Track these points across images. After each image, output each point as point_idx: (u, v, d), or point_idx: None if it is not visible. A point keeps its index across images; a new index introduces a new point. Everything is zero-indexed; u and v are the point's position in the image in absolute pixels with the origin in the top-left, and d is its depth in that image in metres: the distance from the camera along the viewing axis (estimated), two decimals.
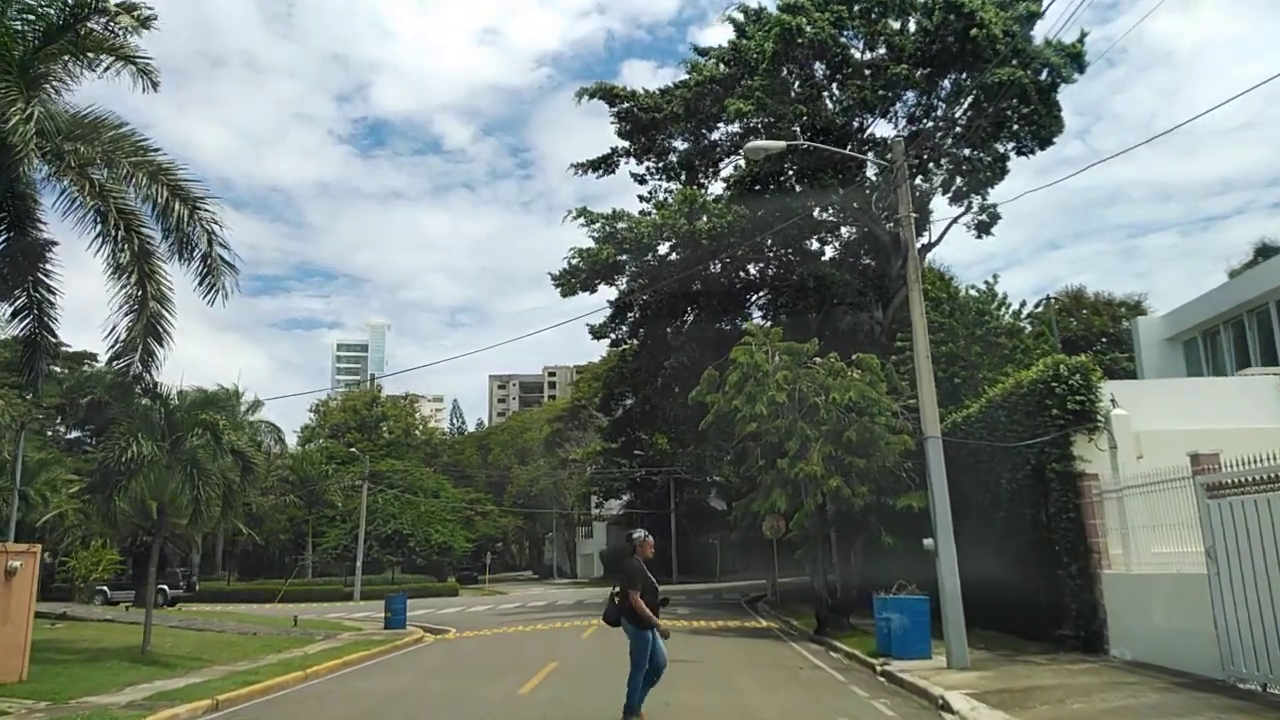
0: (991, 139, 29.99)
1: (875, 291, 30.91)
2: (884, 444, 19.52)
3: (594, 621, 24.20)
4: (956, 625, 13.34)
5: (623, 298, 33.03)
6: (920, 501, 18.88)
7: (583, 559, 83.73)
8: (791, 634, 21.45)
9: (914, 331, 14.69)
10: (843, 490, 18.94)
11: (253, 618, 28.24)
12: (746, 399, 20.32)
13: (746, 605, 32.49)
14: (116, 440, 16.02)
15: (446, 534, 60.13)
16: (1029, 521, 15.90)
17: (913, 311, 14.64)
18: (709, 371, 22.02)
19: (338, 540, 57.46)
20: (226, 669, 15.97)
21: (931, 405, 14.34)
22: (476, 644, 20.70)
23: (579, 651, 17.27)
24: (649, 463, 55.58)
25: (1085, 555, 14.12)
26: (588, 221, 30.07)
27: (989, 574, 16.13)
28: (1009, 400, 16.56)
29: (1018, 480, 16.27)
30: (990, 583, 16.03)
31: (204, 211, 17.54)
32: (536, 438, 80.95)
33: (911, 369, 23.21)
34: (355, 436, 76.42)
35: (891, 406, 19.78)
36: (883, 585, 21.68)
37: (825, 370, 20.81)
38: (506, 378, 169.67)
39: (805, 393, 20.31)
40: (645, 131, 33.09)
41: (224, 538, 61.52)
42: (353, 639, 22.52)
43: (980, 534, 17.38)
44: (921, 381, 14.40)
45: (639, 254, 29.85)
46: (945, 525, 13.87)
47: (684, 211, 28.39)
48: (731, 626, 22.90)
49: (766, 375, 20.43)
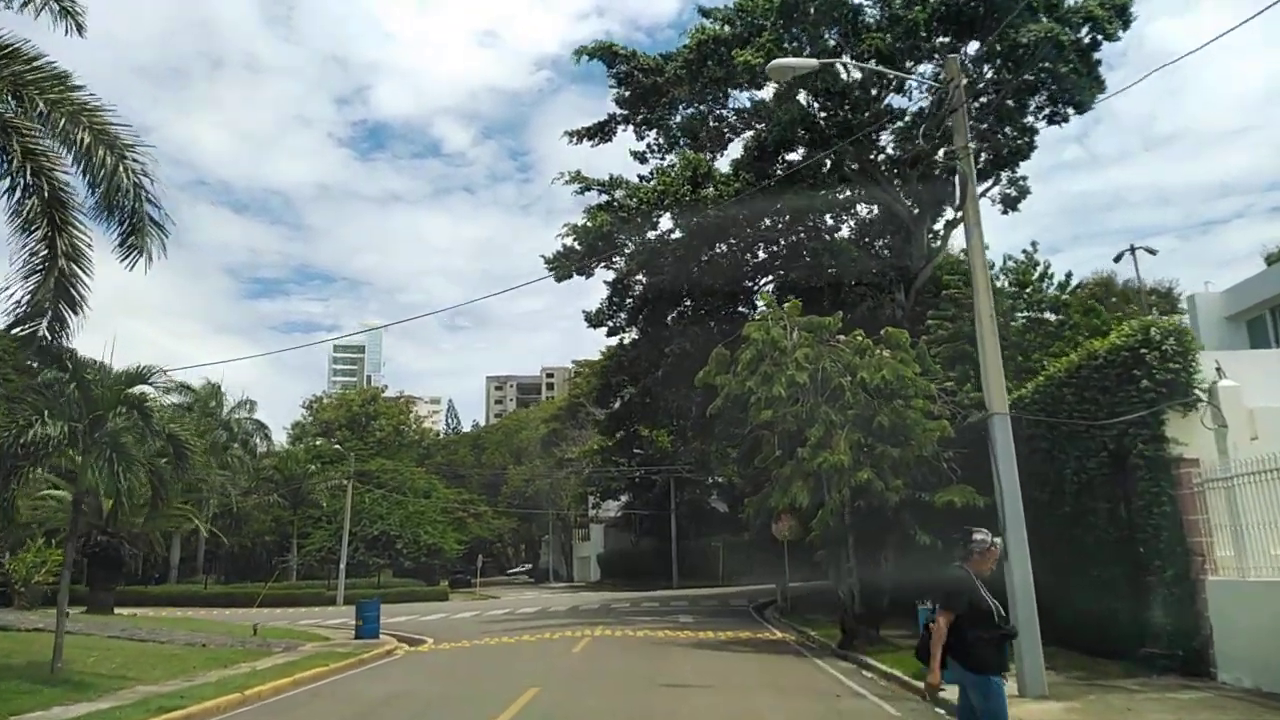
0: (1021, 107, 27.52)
1: (896, 272, 28.40)
2: (920, 431, 16.99)
3: (587, 632, 21.67)
4: (1032, 644, 10.84)
5: (621, 279, 30.49)
6: (963, 496, 16.42)
7: (579, 562, 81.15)
8: (811, 647, 18.91)
9: (975, 288, 12.15)
10: (874, 483, 16.39)
11: (211, 625, 25.66)
12: (762, 380, 17.79)
13: (755, 613, 29.94)
14: (16, 419, 13.43)
15: (436, 535, 57.53)
16: (1104, 518, 13.36)
17: (973, 262, 12.11)
18: (718, 350, 19.49)
19: (322, 542, 54.89)
20: (150, 690, 13.43)
21: (998, 376, 11.82)
22: (450, 659, 18.15)
23: (567, 672, 14.73)
24: (648, 461, 52.98)
25: (1183, 558, 11.60)
26: (582, 188, 27.50)
27: (1048, 581, 13.47)
28: (1077, 375, 14.02)
29: (1089, 469, 13.74)
30: (1050, 591, 13.39)
31: (133, 161, 15.17)
32: (532, 437, 78.31)
33: (947, 348, 20.83)
34: (345, 434, 73.89)
35: (928, 388, 17.23)
36: (916, 593, 19.28)
37: (850, 348, 18.29)
38: (504, 379, 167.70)
39: (829, 373, 17.78)
40: (646, 99, 30.54)
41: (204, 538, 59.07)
42: (316, 651, 20.01)
43: (1036, 534, 14.84)
44: (985, 348, 11.87)
45: (638, 226, 27.27)
46: (1016, 519, 11.37)
47: (686, 177, 25.83)
48: (743, 638, 20.34)
49: (784, 353, 17.91)
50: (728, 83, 29.17)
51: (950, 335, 19.85)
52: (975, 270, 12.05)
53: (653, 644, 18.97)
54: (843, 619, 18.00)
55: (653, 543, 61.50)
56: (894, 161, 29.28)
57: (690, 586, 51.17)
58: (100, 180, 14.94)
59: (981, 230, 12.15)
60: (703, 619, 26.65)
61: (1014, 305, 20.03)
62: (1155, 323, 12.46)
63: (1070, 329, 19.33)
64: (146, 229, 15.24)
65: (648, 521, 61.61)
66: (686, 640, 19.74)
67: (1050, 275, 21.31)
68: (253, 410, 63.09)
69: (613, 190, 27.17)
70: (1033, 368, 18.64)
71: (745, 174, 26.59)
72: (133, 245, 15.09)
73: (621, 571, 65.53)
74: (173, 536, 55.30)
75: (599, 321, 33.92)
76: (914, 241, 29.28)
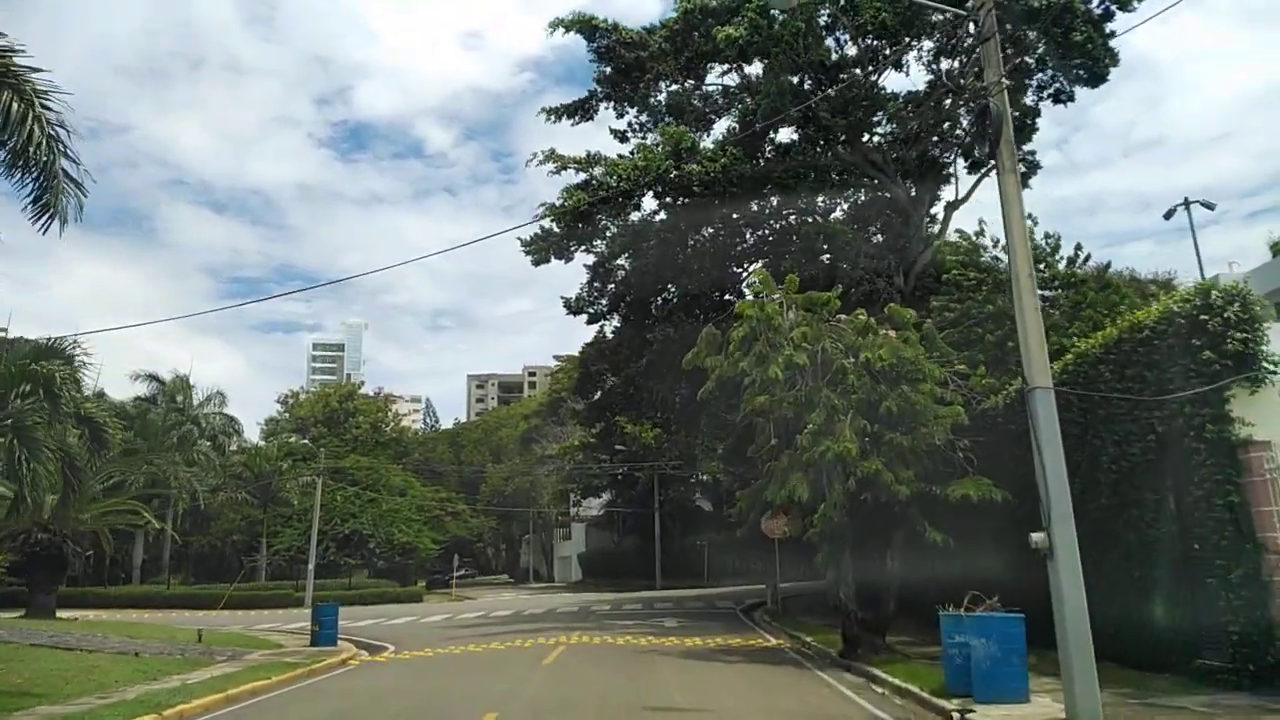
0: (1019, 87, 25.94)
1: (894, 256, 26.75)
2: (932, 417, 15.31)
3: (562, 639, 19.89)
4: (1083, 658, 9.15)
5: (602, 262, 28.75)
6: (979, 490, 14.78)
7: (560, 562, 79.32)
8: (809, 655, 17.22)
9: (1010, 244, 10.46)
10: (882, 475, 14.70)
11: (154, 631, 23.70)
12: (756, 361, 16.07)
13: (743, 615, 28.26)
14: None
15: (411, 534, 55.49)
16: (1150, 510, 11.72)
17: (1008, 215, 10.39)
18: (708, 330, 17.77)
19: (291, 541, 52.79)
20: (52, 711, 11.58)
21: (1039, 343, 10.14)
22: (407, 672, 16.31)
23: (533, 692, 12.79)
24: (631, 458, 51.13)
25: (1252, 556, 9.98)
26: (558, 167, 25.70)
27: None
28: (1117, 350, 12.39)
29: (1131, 456, 12.09)
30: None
31: (46, 110, 13.46)
32: (512, 434, 76.42)
33: (953, 332, 19.19)
34: (321, 431, 71.72)
35: (936, 372, 15.55)
36: (924, 595, 17.60)
37: (852, 328, 16.60)
38: (485, 378, 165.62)
39: (829, 354, 16.08)
40: (629, 75, 28.74)
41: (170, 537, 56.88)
42: (263, 660, 18.15)
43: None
44: (1024, 311, 10.18)
45: (619, 206, 25.52)
46: (1063, 512, 9.69)
47: (669, 151, 24.08)
48: (734, 646, 18.61)
49: (780, 332, 16.19)
50: (714, 57, 27.49)
51: (957, 317, 18.19)
52: (1011, 224, 10.35)
53: (634, 653, 17.20)
54: (844, 625, 16.30)
55: (635, 542, 59.78)
56: (890, 141, 27.67)
57: (674, 587, 49.48)
58: (8, 130, 13.28)
59: (1017, 177, 10.48)
60: (689, 623, 24.92)
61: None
62: (1215, 285, 10.80)
63: (1088, 307, 17.69)
64: (62, 186, 13.56)
65: (630, 520, 59.86)
66: (672, 648, 17.99)
67: (1058, 249, 19.66)
68: (223, 405, 60.98)
69: (590, 167, 25.41)
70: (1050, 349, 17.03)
71: (733, 149, 24.87)
72: (46, 205, 13.43)
73: (603, 571, 63.85)
74: (136, 535, 53.20)
75: (579, 308, 32.17)
76: (912, 225, 27.68)
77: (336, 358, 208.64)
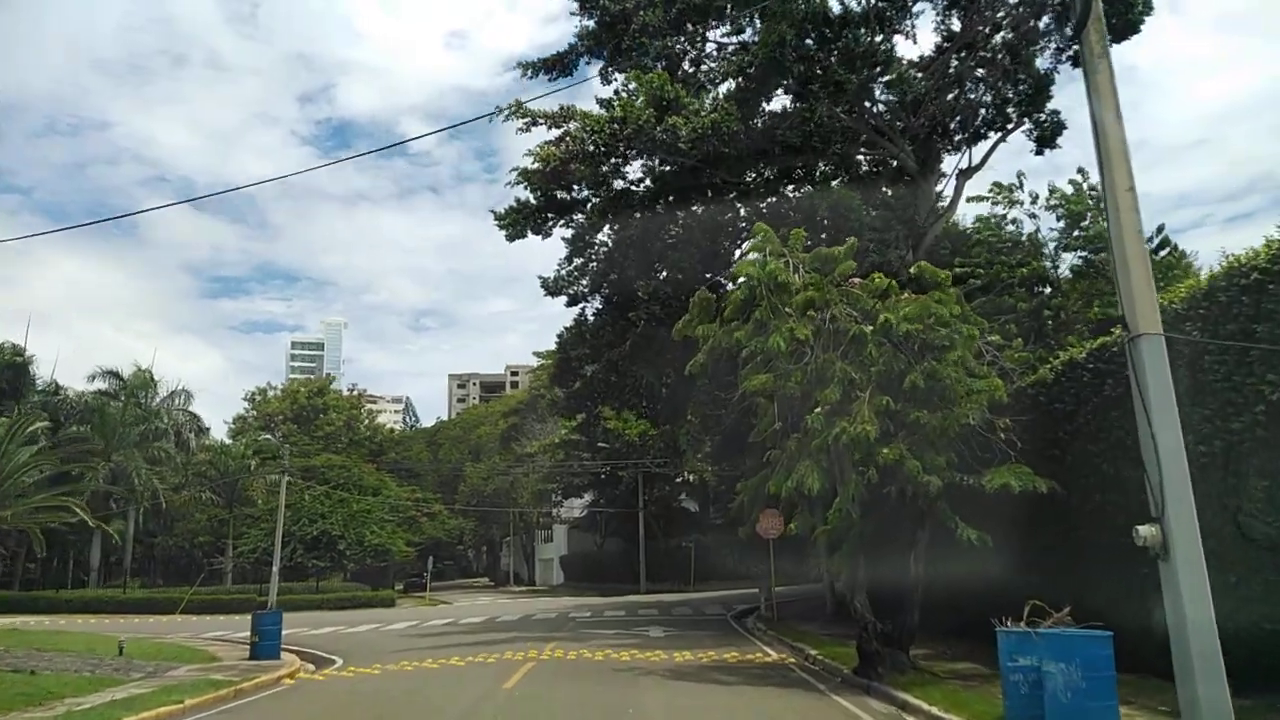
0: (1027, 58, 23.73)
1: (903, 227, 24.39)
2: (965, 393, 12.96)
3: (533, 653, 17.40)
4: (1213, 689, 6.77)
5: (582, 234, 26.31)
6: (1020, 479, 12.44)
7: (542, 564, 76.74)
8: (817, 673, 14.83)
9: (1103, 148, 8.06)
10: (908, 461, 12.33)
11: (73, 641, 21.06)
12: (756, 329, 13.68)
13: (735, 623, 25.86)
14: None
15: (384, 536, 52.74)
16: (1259, 500, 9.35)
17: (1100, 113, 8.02)
18: (701, 293, 15.35)
19: (256, 543, 50.00)
20: None
21: (1144, 279, 7.80)
22: (345, 695, 13.80)
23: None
24: (615, 455, 48.66)
25: None
26: (527, 123, 23.18)
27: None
28: (1210, 303, 10.04)
29: (1233, 432, 9.72)
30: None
31: None
32: (491, 432, 73.75)
33: (980, 301, 16.84)
34: (290, 428, 68.91)
35: (974, 334, 13.19)
36: (947, 602, 15.28)
37: (868, 291, 14.23)
38: (467, 377, 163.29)
39: (841, 320, 13.71)
40: (613, 29, 26.29)
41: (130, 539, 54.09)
42: (186, 677, 15.68)
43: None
44: (1125, 236, 7.84)
45: (594, 162, 23.05)
46: (1181, 497, 7.34)
47: (651, 98, 21.64)
48: (729, 661, 16.15)
49: (786, 293, 13.80)
50: (705, 11, 25.14)
51: (987, 283, 15.83)
52: (1105, 125, 7.98)
53: (614, 671, 14.69)
54: (860, 638, 13.90)
55: (619, 544, 57.35)
56: (896, 105, 25.35)
57: (659, 591, 47.07)
58: None
59: (1110, 64, 8.09)
60: (676, 632, 22.49)
61: (1065, 244, 15.98)
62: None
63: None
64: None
65: (614, 521, 57.39)
66: (658, 665, 15.52)
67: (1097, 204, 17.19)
68: (189, 402, 58.26)
69: (564, 122, 22.94)
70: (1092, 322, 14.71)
71: (724, 105, 22.48)
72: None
73: (586, 575, 61.46)
74: (93, 536, 50.33)
75: (557, 288, 29.70)
76: (921, 195, 25.33)
77: (316, 357, 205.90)
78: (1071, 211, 16.65)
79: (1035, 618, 9.13)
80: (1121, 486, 11.90)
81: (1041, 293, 15.48)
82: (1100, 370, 12.56)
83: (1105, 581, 12.18)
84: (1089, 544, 12.81)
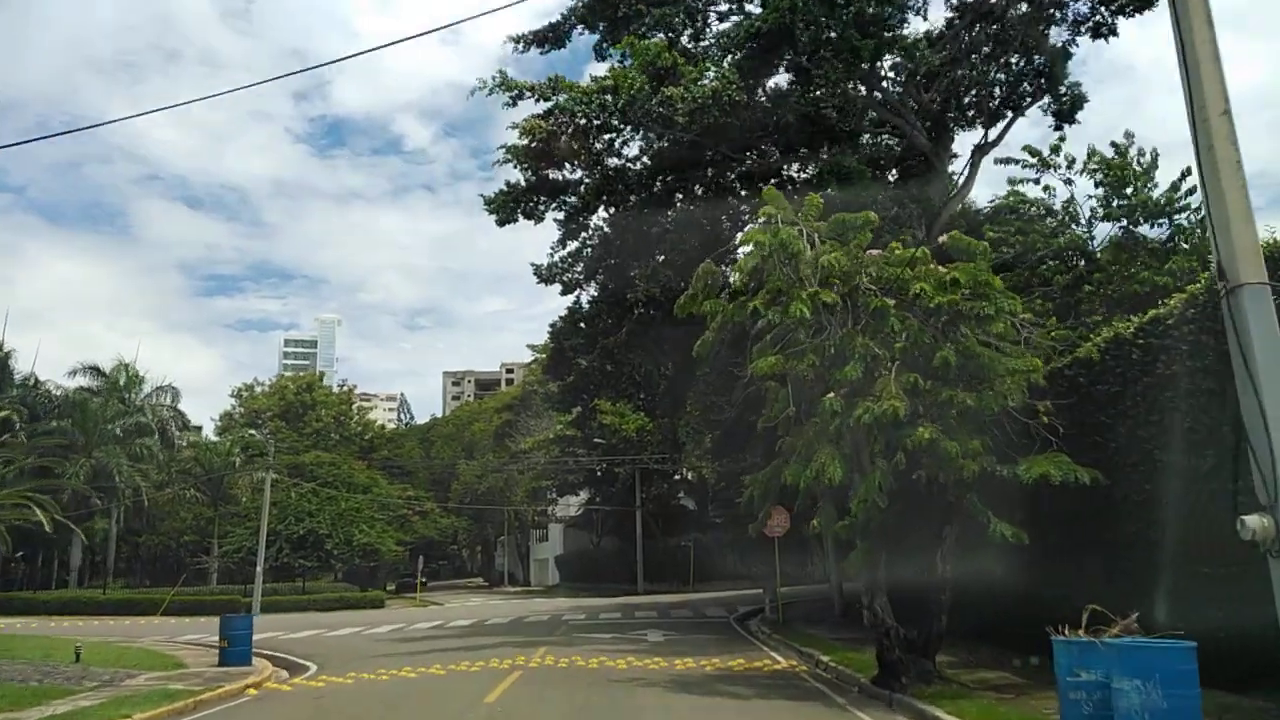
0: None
1: (917, 206, 23.05)
2: (1003, 371, 11.64)
3: (520, 660, 16.01)
4: None
5: (575, 214, 24.93)
6: (1060, 469, 11.12)
7: (537, 565, 75.42)
8: (833, 683, 13.51)
9: (1188, 61, 6.72)
10: (943, 445, 10.99)
11: (25, 648, 19.64)
12: (769, 300, 12.33)
13: (738, 625, 24.52)
14: None
15: (373, 535, 51.33)
16: None
17: (1187, 22, 6.66)
18: (705, 265, 13.96)
19: (241, 542, 48.62)
20: None
21: (1243, 213, 6.44)
22: (311, 709, 12.44)
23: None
24: (611, 451, 47.25)
25: None
26: (513, 97, 21.82)
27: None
28: None
29: None
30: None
31: None
32: (485, 429, 72.28)
33: (1008, 275, 15.47)
34: (278, 425, 67.41)
35: (1013, 308, 11.85)
36: (973, 605, 13.94)
37: (892, 261, 12.88)
38: (461, 374, 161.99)
39: (862, 293, 12.37)
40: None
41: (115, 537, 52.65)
42: (142, 687, 14.35)
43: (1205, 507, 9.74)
44: (1219, 168, 6.51)
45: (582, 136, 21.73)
46: None
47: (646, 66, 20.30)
48: (736, 670, 14.78)
49: (800, 259, 12.45)
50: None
51: (1018, 253, 14.48)
52: (1194, 39, 6.62)
53: (610, 682, 13.27)
54: (880, 644, 12.56)
55: (615, 543, 55.97)
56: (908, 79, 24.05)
57: (658, 592, 45.69)
58: None
59: None
60: (677, 636, 21.13)
61: (1104, 213, 14.62)
62: None
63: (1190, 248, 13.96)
64: None
65: (610, 520, 56.02)
66: (658, 675, 14.13)
67: (1154, 169, 15.78)
68: (177, 400, 56.83)
69: (553, 93, 21.60)
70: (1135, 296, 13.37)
71: (728, 73, 21.13)
72: None
73: (582, 575, 60.12)
74: (73, 535, 48.83)
75: (551, 275, 28.27)
76: (935, 174, 24.01)
77: (309, 354, 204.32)
78: (1114, 178, 15.26)
79: (1098, 625, 7.81)
80: (1176, 475, 10.63)
81: (1077, 265, 14.11)
82: (1151, 347, 11.25)
83: (1155, 581, 10.89)
84: (1135, 539, 11.49)
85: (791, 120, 21.64)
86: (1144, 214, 15.03)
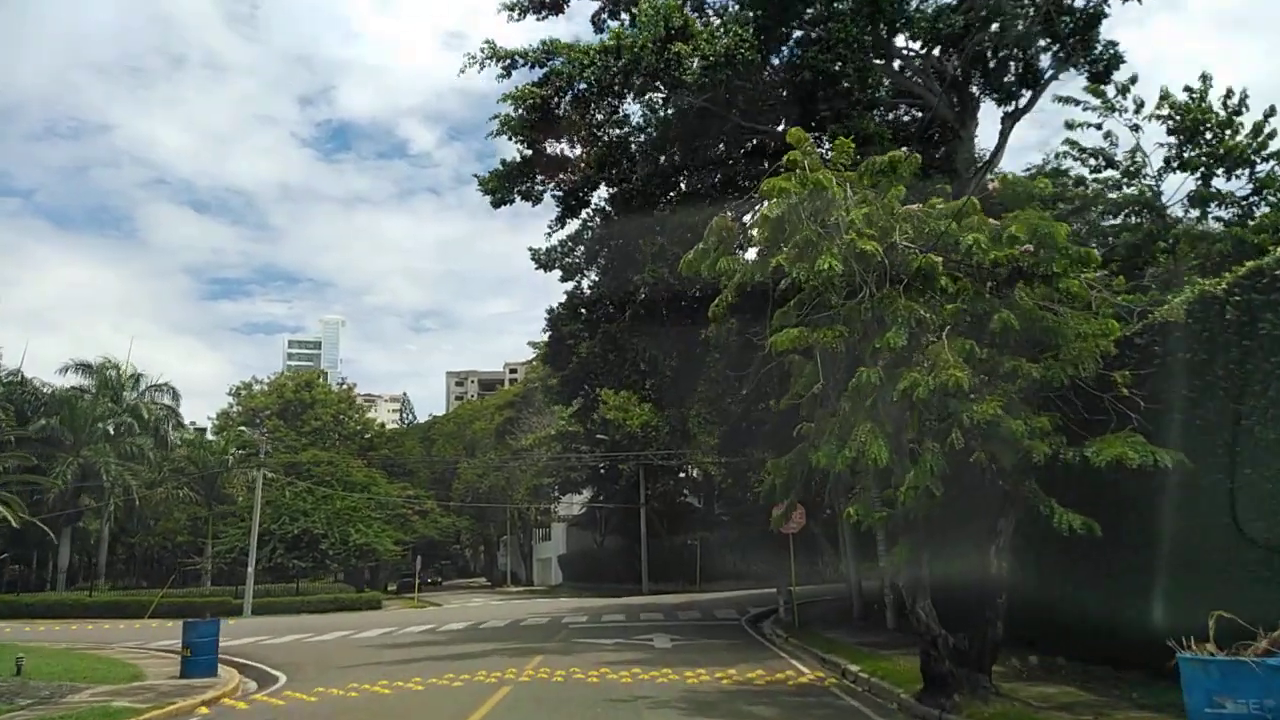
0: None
1: (942, 176, 21.30)
2: (1073, 336, 9.90)
3: (513, 672, 14.23)
4: None
5: (575, 190, 23.22)
6: (1138, 451, 9.39)
7: (539, 564, 73.81)
8: (862, 694, 11.84)
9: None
10: (1008, 424, 9.25)
11: None
12: (798, 253, 10.58)
13: (751, 628, 22.79)
14: None
15: (370, 535, 49.66)
16: None
17: None
18: (719, 219, 12.18)
19: (234, 542, 46.98)
20: None
21: None
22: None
23: None
24: (615, 447, 45.49)
25: None
26: (506, 67, 20.10)
27: None
28: None
29: None
30: None
31: None
32: (486, 427, 70.61)
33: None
34: (275, 423, 65.77)
35: (1094, 255, 10.09)
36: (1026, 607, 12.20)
37: (934, 214, 11.13)
38: (465, 374, 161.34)
39: (901, 249, 10.62)
40: None
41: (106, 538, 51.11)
42: (83, 704, 12.72)
43: None
44: None
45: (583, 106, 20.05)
46: None
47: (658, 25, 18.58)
48: (756, 683, 13.03)
49: (834, 206, 10.70)
50: None
51: (1076, 208, 12.70)
52: None
53: (611, 702, 11.38)
54: (927, 655, 10.80)
55: (620, 542, 54.27)
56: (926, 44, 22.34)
57: (663, 591, 43.97)
58: None
59: None
60: (685, 641, 19.38)
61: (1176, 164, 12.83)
62: None
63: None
64: None
65: (614, 518, 54.31)
66: (668, 690, 12.36)
67: (1239, 114, 13.88)
68: (177, 401, 55.20)
69: (548, 59, 19.91)
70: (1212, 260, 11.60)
71: (737, 29, 19.43)
72: None
73: (585, 574, 58.51)
74: (61, 535, 47.31)
75: (549, 261, 26.52)
76: (960, 144, 22.28)
77: (313, 355, 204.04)
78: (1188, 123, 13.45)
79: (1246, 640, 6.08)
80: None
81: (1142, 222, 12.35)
82: (1252, 304, 9.53)
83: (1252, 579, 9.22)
84: (1223, 530, 9.76)
85: (809, 79, 19.87)
86: (1225, 164, 13.23)
